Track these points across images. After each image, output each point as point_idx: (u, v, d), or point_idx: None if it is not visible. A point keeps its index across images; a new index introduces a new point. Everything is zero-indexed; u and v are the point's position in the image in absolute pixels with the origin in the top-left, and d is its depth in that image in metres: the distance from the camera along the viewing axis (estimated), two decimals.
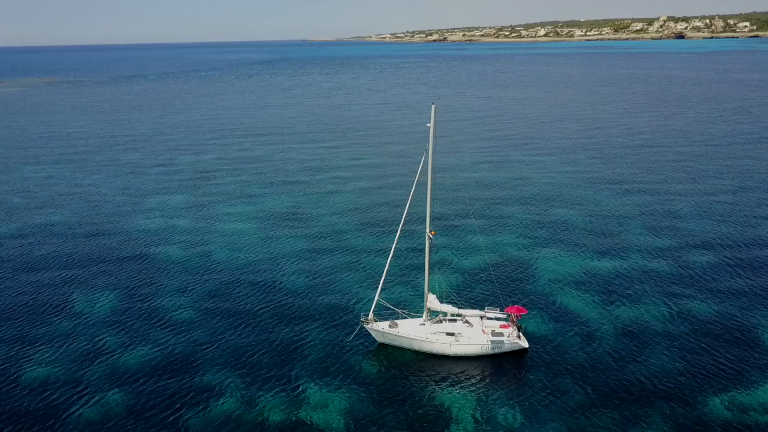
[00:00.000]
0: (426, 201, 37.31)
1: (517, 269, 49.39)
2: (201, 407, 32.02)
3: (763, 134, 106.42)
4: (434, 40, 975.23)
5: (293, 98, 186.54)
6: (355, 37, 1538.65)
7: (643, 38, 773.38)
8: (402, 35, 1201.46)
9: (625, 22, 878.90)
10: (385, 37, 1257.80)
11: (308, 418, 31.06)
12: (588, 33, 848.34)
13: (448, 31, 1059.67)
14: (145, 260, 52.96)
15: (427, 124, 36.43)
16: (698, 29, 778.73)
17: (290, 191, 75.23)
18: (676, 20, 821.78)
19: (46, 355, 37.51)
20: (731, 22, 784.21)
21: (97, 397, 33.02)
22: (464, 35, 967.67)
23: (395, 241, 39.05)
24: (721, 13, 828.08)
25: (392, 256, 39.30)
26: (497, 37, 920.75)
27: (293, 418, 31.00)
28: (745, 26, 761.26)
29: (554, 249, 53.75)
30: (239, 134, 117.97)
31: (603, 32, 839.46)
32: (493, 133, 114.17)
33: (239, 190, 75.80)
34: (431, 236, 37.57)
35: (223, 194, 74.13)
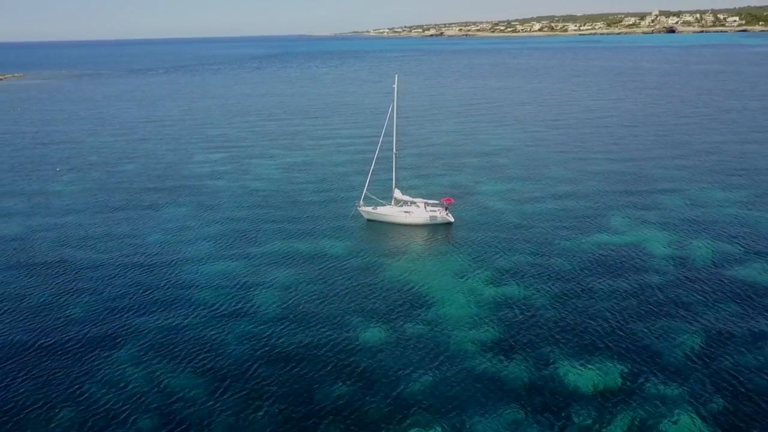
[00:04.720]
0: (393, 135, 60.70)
1: (459, 188, 72.86)
2: (255, 250, 55.25)
3: (688, 114, 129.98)
4: (431, 35, 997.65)
5: (301, 88, 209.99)
6: (353, 32, 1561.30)
7: (634, 32, 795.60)
8: (400, 30, 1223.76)
9: (618, 16, 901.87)
10: (383, 32, 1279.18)
11: (324, 250, 54.28)
12: (582, 27, 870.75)
13: (445, 26, 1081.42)
14: (202, 188, 76.45)
15: (393, 85, 59.96)
16: (689, 23, 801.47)
17: (303, 149, 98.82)
18: (668, 15, 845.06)
19: (154, 236, 60.91)
20: (721, 16, 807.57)
21: (189, 263, 55.93)
22: (461, 30, 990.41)
23: (374, 156, 62.40)
24: (716, 8, 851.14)
25: (373, 167, 62.60)
26: (493, 31, 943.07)
27: (314, 252, 54.21)
28: (734, 21, 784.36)
29: (491, 179, 77.23)
30: (258, 116, 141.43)
31: (596, 27, 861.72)
32: (466, 111, 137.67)
33: (264, 152, 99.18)
34: (397, 155, 61.08)
35: (251, 154, 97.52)
